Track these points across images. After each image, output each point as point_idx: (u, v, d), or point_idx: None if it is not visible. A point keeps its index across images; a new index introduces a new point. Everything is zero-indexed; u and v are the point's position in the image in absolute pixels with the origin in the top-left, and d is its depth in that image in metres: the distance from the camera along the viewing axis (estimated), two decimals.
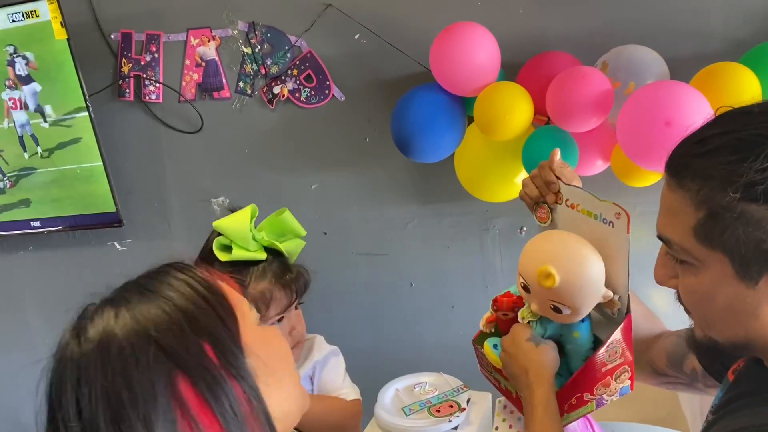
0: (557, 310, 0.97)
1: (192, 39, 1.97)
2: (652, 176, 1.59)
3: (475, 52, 1.54)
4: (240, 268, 1.22)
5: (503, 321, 1.10)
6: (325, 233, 2.04)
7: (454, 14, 1.74)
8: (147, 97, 2.02)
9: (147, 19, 1.98)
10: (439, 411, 1.34)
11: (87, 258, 2.21)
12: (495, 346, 1.08)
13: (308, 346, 1.41)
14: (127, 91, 2.02)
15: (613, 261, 0.96)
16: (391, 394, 1.41)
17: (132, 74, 2.01)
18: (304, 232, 1.31)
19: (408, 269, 2.01)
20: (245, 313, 0.69)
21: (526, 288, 0.99)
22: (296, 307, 1.33)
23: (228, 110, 2.02)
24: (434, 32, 1.63)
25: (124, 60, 2.00)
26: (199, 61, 1.98)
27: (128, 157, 2.09)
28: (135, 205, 2.12)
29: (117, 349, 0.60)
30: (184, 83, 2.01)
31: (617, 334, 0.96)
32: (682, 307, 0.79)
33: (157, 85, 2.01)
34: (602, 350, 0.96)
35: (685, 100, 1.38)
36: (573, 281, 0.94)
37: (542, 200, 1.07)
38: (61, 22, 1.86)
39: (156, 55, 1.99)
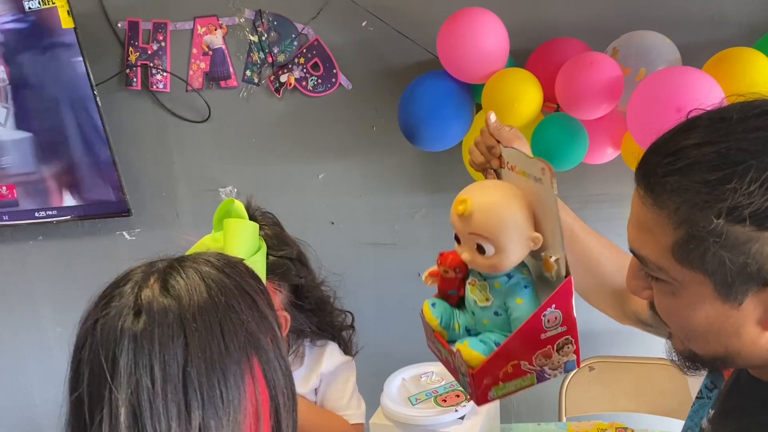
0: (481, 251, 0.91)
1: (199, 27, 1.96)
2: None
3: (483, 39, 1.52)
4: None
5: (443, 279, 1.04)
6: (333, 223, 2.03)
7: (462, 0, 1.72)
8: (154, 86, 2.02)
9: (153, 8, 1.97)
10: (445, 401, 1.33)
11: (96, 248, 2.21)
12: (434, 305, 1.01)
13: (317, 354, 1.30)
14: (135, 80, 2.02)
15: (547, 220, 0.91)
16: (397, 383, 1.41)
17: (139, 63, 2.00)
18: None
19: (415, 259, 1.99)
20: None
21: (457, 238, 0.98)
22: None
23: (235, 99, 2.01)
24: (442, 19, 1.61)
25: (131, 49, 1.99)
26: (206, 49, 1.97)
27: (136, 147, 2.08)
28: (143, 194, 2.12)
29: (216, 317, 0.64)
30: (191, 72, 2.00)
31: (555, 298, 0.89)
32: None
33: (165, 74, 2.00)
34: (539, 313, 0.90)
35: (698, 87, 1.36)
36: (487, 206, 0.90)
37: (489, 166, 1.05)
38: (68, 11, 1.85)
39: (163, 44, 1.99)
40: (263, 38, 1.94)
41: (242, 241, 1.05)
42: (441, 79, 1.63)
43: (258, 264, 1.05)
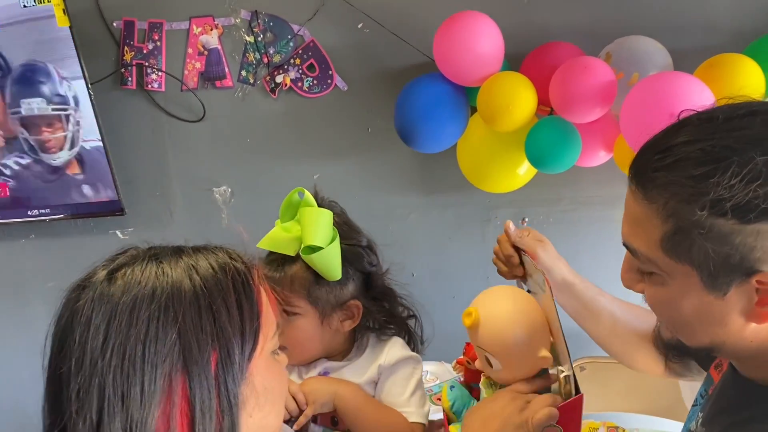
0: (489, 364, 0.91)
1: (194, 27, 1.97)
2: None
3: (478, 42, 1.54)
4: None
5: (468, 370, 1.05)
6: None
7: (458, 3, 1.73)
8: (149, 86, 2.02)
9: (149, 7, 1.97)
10: (440, 399, 1.34)
11: (89, 246, 2.21)
12: (452, 387, 1.02)
13: (380, 347, 1.19)
14: (130, 79, 2.02)
15: (557, 333, 0.90)
16: None
17: (134, 62, 2.00)
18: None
19: (410, 259, 2.01)
20: (268, 336, 0.68)
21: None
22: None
23: (230, 99, 2.02)
24: (437, 22, 1.63)
25: (126, 48, 1.99)
26: (202, 49, 1.98)
27: (130, 146, 2.08)
28: (137, 194, 2.12)
29: (146, 315, 0.62)
30: (186, 72, 2.00)
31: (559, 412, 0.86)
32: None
33: (160, 73, 2.00)
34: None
35: (689, 91, 1.38)
36: (492, 322, 0.88)
37: (515, 276, 1.06)
38: (63, 10, 1.85)
39: (158, 44, 1.99)
40: (259, 39, 1.94)
41: (320, 230, 1.02)
42: (436, 81, 1.64)
43: (334, 252, 1.03)
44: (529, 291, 1.04)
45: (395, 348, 1.17)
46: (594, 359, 1.85)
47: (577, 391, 0.88)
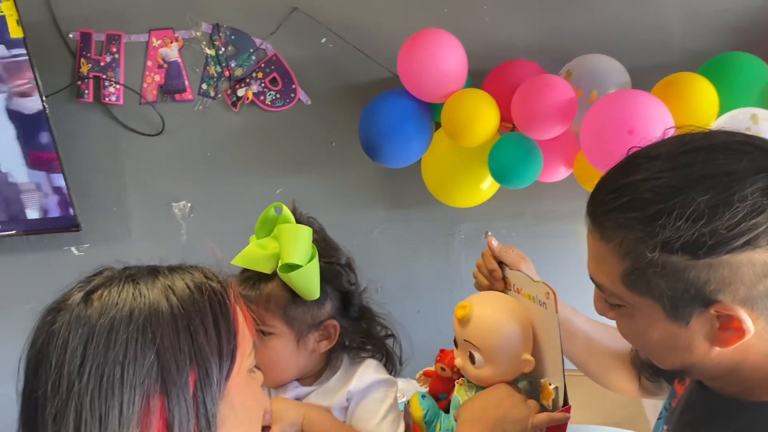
0: (472, 360, 0.95)
1: (154, 40, 1.93)
2: None
3: (443, 59, 1.56)
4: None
5: (439, 378, 1.06)
6: None
7: (421, 21, 1.74)
8: (107, 99, 1.97)
9: (107, 19, 1.93)
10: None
11: (42, 263, 2.14)
12: (423, 396, 1.03)
13: (351, 371, 1.13)
14: (86, 92, 1.97)
15: (549, 345, 0.94)
16: None
17: (91, 75, 1.95)
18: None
19: (374, 274, 1.99)
20: (245, 355, 0.69)
21: (455, 342, 0.99)
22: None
23: (190, 113, 1.98)
24: (401, 38, 1.64)
25: (83, 60, 1.95)
26: (161, 62, 1.95)
27: (87, 160, 2.03)
28: (93, 209, 2.06)
29: (124, 337, 0.61)
30: (145, 85, 1.96)
31: (551, 428, 0.91)
32: None
33: (118, 86, 1.96)
34: None
35: (647, 109, 1.42)
36: (485, 317, 0.94)
37: (495, 289, 1.07)
38: (17, 20, 1.80)
39: (116, 56, 1.95)
40: (220, 52, 1.92)
41: (299, 247, 0.99)
42: (401, 97, 1.65)
43: (313, 270, 1.00)
44: None
45: (367, 372, 1.13)
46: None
47: (566, 402, 0.91)
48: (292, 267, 0.99)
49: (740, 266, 0.63)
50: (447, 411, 1.05)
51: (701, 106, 1.47)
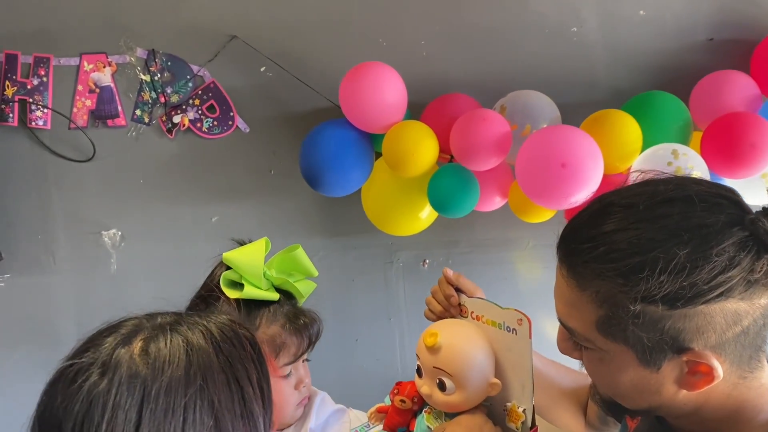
0: (442, 387, 0.97)
1: (86, 64, 1.88)
2: (547, 213, 1.70)
3: (384, 91, 1.59)
4: (248, 309, 1.08)
5: (396, 411, 1.06)
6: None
7: (360, 53, 1.78)
8: (33, 123, 1.90)
9: (35, 41, 1.86)
10: None
11: None
12: None
13: (307, 407, 1.18)
14: (11, 115, 1.89)
15: (517, 370, 0.97)
16: None
17: (17, 98, 1.88)
18: (315, 273, 1.19)
19: (312, 303, 1.99)
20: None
21: (419, 371, 1.01)
22: (305, 360, 1.17)
23: (123, 139, 1.93)
24: (340, 69, 1.66)
25: (7, 83, 1.87)
26: (93, 86, 1.89)
27: (9, 186, 1.94)
28: (16, 237, 1.96)
29: (182, 402, 0.58)
30: (75, 109, 1.90)
31: None
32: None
33: (45, 110, 1.89)
34: None
35: (578, 144, 1.49)
36: (456, 343, 0.96)
37: (449, 315, 1.09)
38: None
39: (45, 79, 1.88)
40: (156, 78, 1.89)
41: (311, 267, 1.11)
42: (342, 127, 1.67)
43: (311, 288, 1.11)
44: None
45: (323, 406, 1.16)
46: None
47: (533, 424, 0.95)
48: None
49: (714, 315, 0.65)
50: None
51: (627, 140, 1.56)
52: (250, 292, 1.05)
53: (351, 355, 2.02)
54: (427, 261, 1.97)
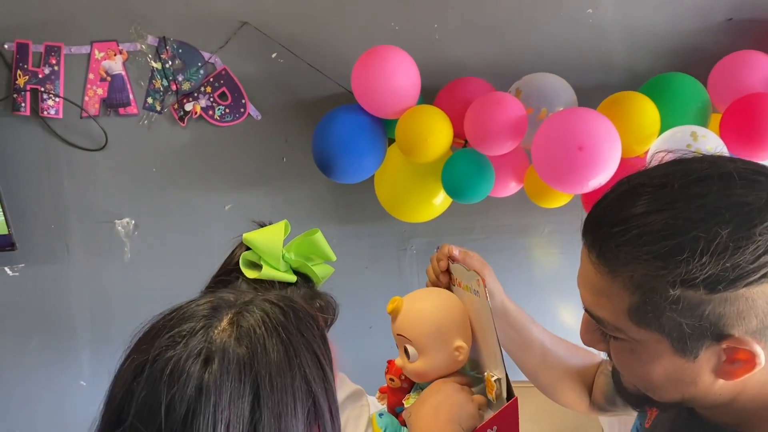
0: (407, 353, 0.96)
1: (96, 52, 1.87)
2: (563, 197, 1.68)
3: (396, 76, 1.57)
4: (264, 289, 1.06)
5: (391, 391, 1.06)
6: None
7: (372, 37, 1.76)
8: (45, 112, 1.89)
9: (46, 30, 1.86)
10: None
11: None
12: (381, 415, 1.03)
13: None
14: (23, 105, 1.88)
15: (487, 336, 0.94)
16: None
17: (28, 87, 1.87)
18: (334, 257, 1.18)
19: (327, 290, 1.98)
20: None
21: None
22: None
23: (135, 127, 1.93)
24: (352, 54, 1.64)
25: (19, 72, 1.86)
26: (104, 75, 1.89)
27: (23, 176, 1.94)
28: (29, 227, 1.97)
29: (290, 382, 0.59)
30: (87, 98, 1.90)
31: (495, 419, 0.90)
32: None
33: (57, 99, 1.89)
34: None
35: (595, 127, 1.46)
36: (414, 308, 0.95)
37: (440, 284, 1.07)
38: None
39: (56, 68, 1.87)
40: (167, 65, 1.88)
41: (330, 251, 1.11)
42: (354, 113, 1.65)
43: (329, 273, 1.11)
44: None
45: (342, 387, 1.15)
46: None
47: (510, 394, 0.90)
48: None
49: (756, 299, 0.62)
50: (406, 424, 1.04)
51: (645, 123, 1.53)
52: (268, 272, 1.04)
53: (366, 342, 2.01)
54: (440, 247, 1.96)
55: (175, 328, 0.59)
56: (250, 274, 1.03)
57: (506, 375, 0.91)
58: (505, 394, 0.91)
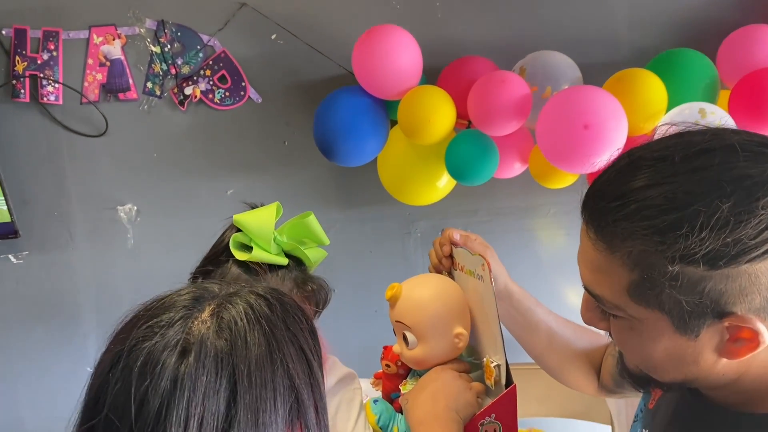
0: (406, 341, 0.94)
1: (95, 37, 1.85)
2: (569, 177, 1.65)
3: (397, 56, 1.54)
4: (255, 272, 1.06)
5: (387, 377, 1.04)
6: None
7: (373, 17, 1.73)
8: (45, 99, 1.88)
9: (43, 15, 1.84)
10: None
11: None
12: (375, 401, 1.01)
13: None
14: (22, 91, 1.87)
15: (489, 321, 0.92)
16: None
17: (27, 74, 1.86)
18: (327, 241, 1.17)
19: (331, 275, 1.96)
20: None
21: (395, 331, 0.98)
22: None
23: (135, 112, 1.91)
24: (353, 34, 1.61)
25: (18, 58, 1.85)
26: (103, 60, 1.87)
27: (24, 164, 1.93)
28: (32, 214, 1.96)
29: (270, 376, 0.57)
30: (86, 84, 1.88)
31: (494, 406, 0.89)
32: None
33: (57, 85, 1.87)
34: (476, 421, 0.89)
35: (601, 104, 1.44)
36: (413, 294, 0.93)
37: (442, 268, 1.05)
38: None
39: (54, 54, 1.85)
40: (166, 49, 1.86)
41: (323, 235, 1.09)
42: (356, 94, 1.63)
43: (322, 257, 1.10)
44: None
45: (335, 368, 1.15)
46: (511, 366, 1.89)
47: (509, 381, 0.88)
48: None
49: (759, 275, 0.60)
50: (401, 411, 1.03)
51: (652, 100, 1.50)
52: (258, 255, 1.03)
53: (371, 327, 2.00)
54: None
55: (153, 318, 0.58)
56: (240, 256, 1.02)
57: (506, 361, 0.89)
58: (504, 381, 0.89)
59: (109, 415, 0.53)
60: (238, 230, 1.06)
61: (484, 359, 0.93)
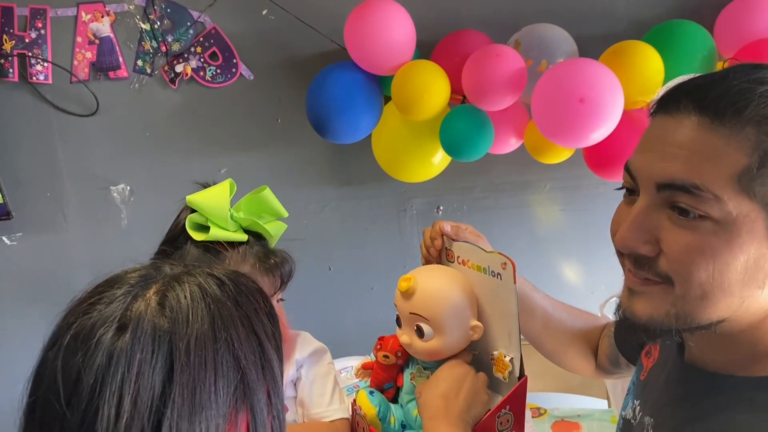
0: (420, 333, 0.93)
1: (83, 14, 1.82)
2: (564, 152, 1.64)
3: (390, 30, 1.52)
4: (215, 251, 1.05)
5: (381, 367, 1.02)
6: None
7: None
8: (34, 78, 1.85)
9: None
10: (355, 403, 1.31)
11: None
12: (371, 393, 1.00)
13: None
14: (11, 71, 1.84)
15: (504, 317, 0.92)
16: None
17: (15, 53, 1.83)
18: (285, 214, 1.16)
19: (326, 253, 1.97)
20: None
21: (398, 321, 0.97)
22: (279, 299, 1.16)
23: (126, 90, 1.89)
24: (344, 9, 1.59)
25: (5, 37, 1.81)
26: (92, 38, 1.84)
27: (15, 144, 1.91)
28: (25, 196, 1.95)
29: (211, 355, 0.55)
30: (75, 62, 1.85)
31: (510, 399, 0.90)
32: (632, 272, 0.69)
33: (46, 64, 1.84)
34: (494, 413, 0.90)
35: (597, 78, 1.42)
36: (431, 286, 0.92)
37: (430, 258, 1.04)
38: None
39: (42, 32, 1.82)
40: (156, 26, 1.83)
41: (281, 208, 1.08)
42: (349, 70, 1.60)
43: (282, 229, 1.08)
44: None
45: (307, 341, 1.19)
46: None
47: (521, 373, 0.90)
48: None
49: None
50: (395, 401, 1.02)
51: (648, 72, 1.48)
52: (216, 233, 1.02)
53: (367, 304, 2.00)
54: (441, 207, 1.93)
55: (97, 295, 0.57)
56: (197, 236, 1.02)
57: (521, 355, 0.90)
58: (517, 373, 0.90)
59: (47, 393, 0.53)
60: (194, 211, 1.05)
61: (495, 353, 0.94)
